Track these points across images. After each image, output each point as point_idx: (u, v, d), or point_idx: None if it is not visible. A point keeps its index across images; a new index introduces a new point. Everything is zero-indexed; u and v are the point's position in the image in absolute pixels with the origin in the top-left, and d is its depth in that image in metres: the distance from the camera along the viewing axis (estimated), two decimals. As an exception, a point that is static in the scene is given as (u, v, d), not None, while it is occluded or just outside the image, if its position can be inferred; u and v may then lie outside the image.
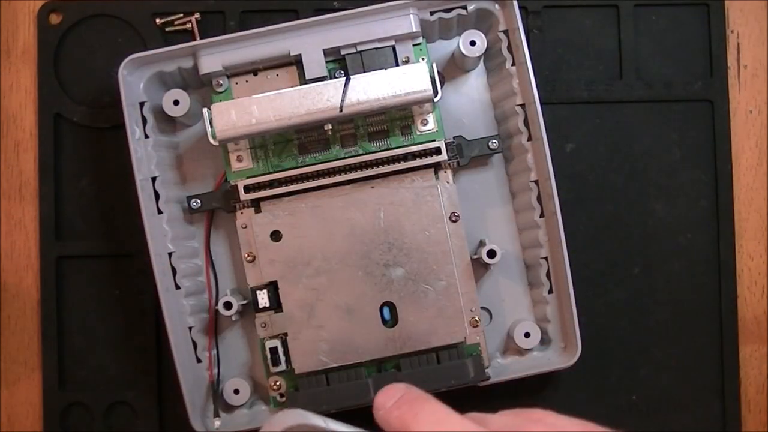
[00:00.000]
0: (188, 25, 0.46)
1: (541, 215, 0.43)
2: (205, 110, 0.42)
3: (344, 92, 0.41)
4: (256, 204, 0.43)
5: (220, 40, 0.42)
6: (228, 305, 0.43)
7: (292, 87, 0.41)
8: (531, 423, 0.25)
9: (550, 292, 0.44)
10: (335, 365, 0.41)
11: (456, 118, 0.45)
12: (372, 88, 0.41)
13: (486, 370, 0.42)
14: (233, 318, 0.43)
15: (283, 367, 0.42)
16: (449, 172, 0.43)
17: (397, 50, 0.43)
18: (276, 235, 0.42)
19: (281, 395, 0.43)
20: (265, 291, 0.42)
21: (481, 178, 0.46)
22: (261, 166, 0.43)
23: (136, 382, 0.46)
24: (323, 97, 0.41)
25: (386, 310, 0.42)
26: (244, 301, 0.44)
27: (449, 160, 0.43)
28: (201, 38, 0.45)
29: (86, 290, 0.46)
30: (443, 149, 0.42)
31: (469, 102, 0.46)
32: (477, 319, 0.42)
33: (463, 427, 0.24)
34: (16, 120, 0.47)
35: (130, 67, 0.42)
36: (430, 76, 0.41)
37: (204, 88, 0.45)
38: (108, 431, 0.46)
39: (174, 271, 0.43)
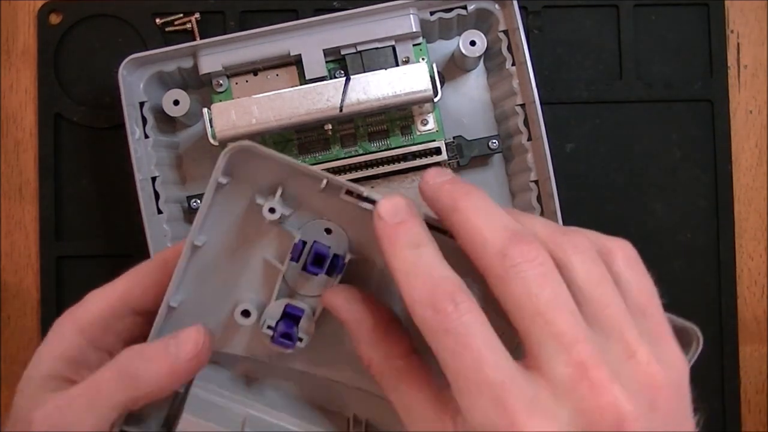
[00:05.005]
0: (188, 25, 0.46)
1: (541, 215, 0.43)
2: (205, 110, 0.42)
3: (344, 92, 0.41)
4: (256, 204, 0.43)
5: (220, 40, 0.42)
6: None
7: (292, 87, 0.41)
8: (571, 248, 0.25)
9: (550, 292, 0.43)
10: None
11: (456, 118, 0.45)
12: (372, 88, 0.41)
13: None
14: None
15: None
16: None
17: (397, 50, 0.43)
18: (276, 235, 0.42)
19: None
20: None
21: (481, 178, 0.46)
22: (261, 166, 0.43)
23: (136, 382, 0.46)
24: (323, 97, 0.41)
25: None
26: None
27: (449, 160, 0.43)
28: (201, 38, 0.45)
29: (86, 290, 0.46)
30: (443, 149, 0.42)
31: (469, 102, 0.46)
32: (477, 319, 0.42)
33: (507, 220, 0.25)
34: (16, 120, 0.47)
35: (130, 67, 0.42)
36: (430, 76, 0.41)
37: (204, 88, 0.45)
38: (108, 431, 0.46)
39: (174, 271, 0.43)
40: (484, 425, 0.22)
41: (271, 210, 0.27)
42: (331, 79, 0.42)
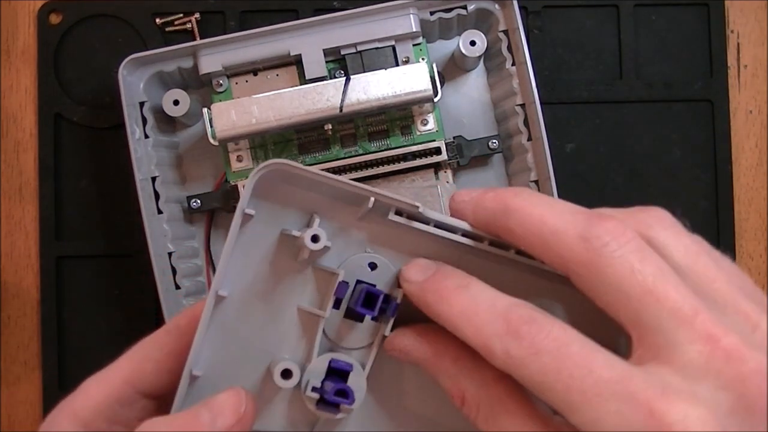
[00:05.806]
0: (188, 25, 0.46)
1: (541, 215, 0.43)
2: (205, 110, 0.42)
3: (344, 92, 0.41)
4: (256, 204, 0.43)
5: (220, 40, 0.42)
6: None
7: (292, 87, 0.41)
8: (657, 223, 0.22)
9: (550, 292, 0.44)
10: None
11: (456, 118, 0.45)
12: (372, 88, 0.41)
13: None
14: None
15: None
16: (449, 172, 0.43)
17: (397, 50, 0.43)
18: (276, 235, 0.42)
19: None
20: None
21: (481, 178, 0.46)
22: (261, 166, 0.43)
23: (136, 382, 0.46)
24: (323, 97, 0.41)
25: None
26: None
27: (449, 160, 0.43)
28: (201, 38, 0.45)
29: (86, 290, 0.46)
30: (443, 149, 0.42)
31: (469, 102, 0.46)
32: (477, 319, 0.42)
33: (572, 206, 0.22)
34: (16, 120, 0.47)
35: (130, 67, 0.42)
36: (430, 76, 0.41)
37: (204, 88, 0.45)
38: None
39: (174, 271, 0.43)
40: (620, 428, 0.19)
41: (314, 238, 0.23)
42: (331, 79, 0.42)
